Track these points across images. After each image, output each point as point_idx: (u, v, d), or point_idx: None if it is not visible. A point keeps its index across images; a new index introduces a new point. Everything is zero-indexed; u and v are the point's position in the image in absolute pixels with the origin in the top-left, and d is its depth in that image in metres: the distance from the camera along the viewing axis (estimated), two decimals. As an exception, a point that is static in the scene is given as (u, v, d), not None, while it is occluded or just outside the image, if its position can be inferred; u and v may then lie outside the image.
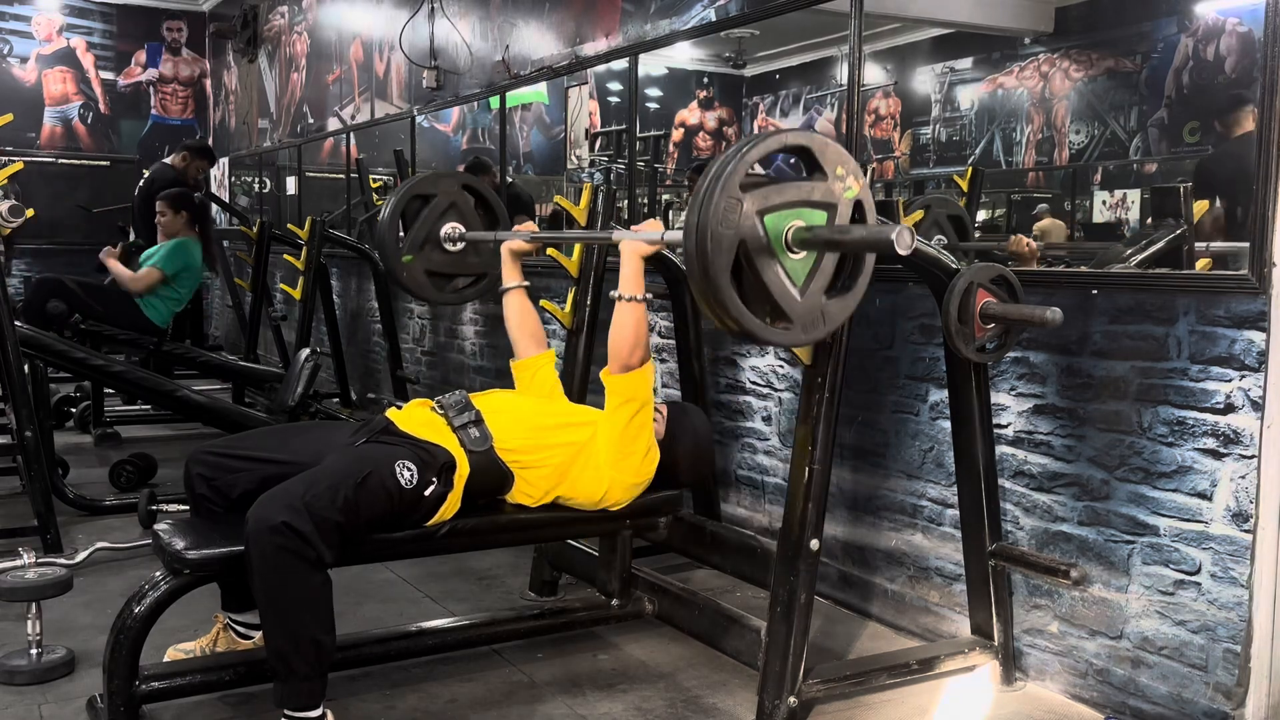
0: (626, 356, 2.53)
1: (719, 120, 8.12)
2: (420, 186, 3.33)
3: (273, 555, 2.17)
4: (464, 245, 3.35)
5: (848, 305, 2.22)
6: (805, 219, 2.10)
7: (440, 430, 2.54)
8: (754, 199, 2.05)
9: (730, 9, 3.83)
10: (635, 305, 2.52)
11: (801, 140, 2.14)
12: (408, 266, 3.27)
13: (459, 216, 3.34)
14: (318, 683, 2.27)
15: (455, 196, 3.34)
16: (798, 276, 2.12)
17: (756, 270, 2.06)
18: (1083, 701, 2.73)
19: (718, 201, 2.00)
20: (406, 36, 6.30)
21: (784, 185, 2.11)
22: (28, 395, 3.84)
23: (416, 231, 3.28)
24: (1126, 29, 5.07)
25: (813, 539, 2.45)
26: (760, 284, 2.07)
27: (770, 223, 2.07)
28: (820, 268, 2.14)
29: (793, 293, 2.11)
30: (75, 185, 10.46)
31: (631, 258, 2.53)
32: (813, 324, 2.15)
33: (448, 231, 3.32)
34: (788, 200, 2.09)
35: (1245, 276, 2.34)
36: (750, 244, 2.04)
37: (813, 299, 2.14)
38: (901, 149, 6.71)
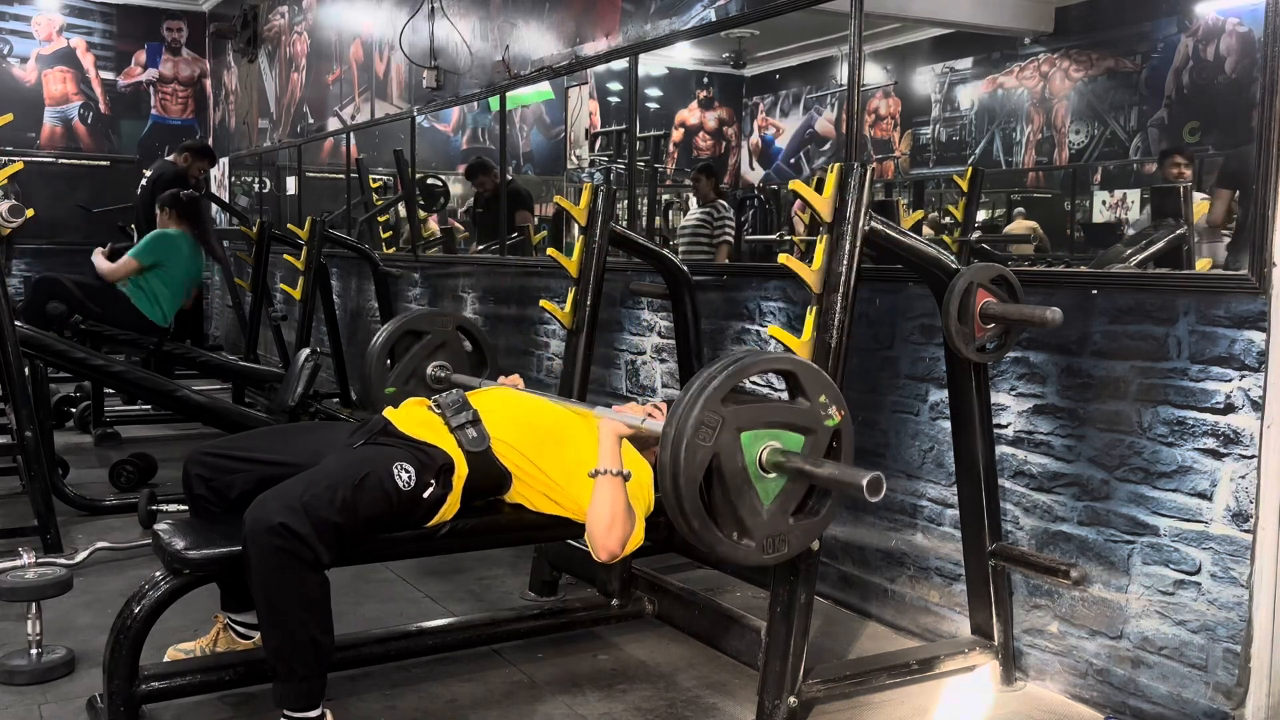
0: (604, 536, 2.38)
1: (719, 120, 8.12)
2: (414, 323, 3.39)
3: (271, 556, 2.17)
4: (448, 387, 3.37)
5: (813, 530, 2.24)
6: (783, 441, 2.14)
7: (438, 431, 2.54)
8: (734, 414, 2.09)
9: (730, 9, 3.83)
10: (613, 480, 2.42)
11: (789, 366, 2.20)
12: (388, 398, 3.29)
13: (448, 355, 3.38)
14: (317, 683, 2.27)
15: (448, 336, 3.40)
16: (766, 496, 2.15)
17: (726, 485, 2.10)
18: (1083, 701, 2.73)
19: (698, 415, 2.04)
20: (406, 37, 6.30)
21: (767, 405, 2.18)
22: (28, 395, 3.84)
23: (404, 365, 3.32)
24: (1126, 29, 5.07)
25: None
26: (726, 499, 2.11)
27: (747, 441, 2.11)
28: (790, 490, 2.18)
29: (759, 512, 2.14)
30: (75, 185, 10.47)
31: (609, 436, 2.48)
32: (774, 545, 2.17)
33: (434, 370, 3.35)
34: (767, 420, 2.14)
35: (1245, 276, 2.34)
36: (724, 459, 2.09)
37: (777, 521, 2.16)
38: (901, 149, 6.71)
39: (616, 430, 2.49)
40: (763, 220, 7.00)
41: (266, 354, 7.54)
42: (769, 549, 2.17)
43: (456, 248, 7.16)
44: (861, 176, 2.43)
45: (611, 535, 2.38)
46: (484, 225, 6.59)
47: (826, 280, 2.45)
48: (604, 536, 2.39)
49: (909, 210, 5.83)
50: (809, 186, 2.54)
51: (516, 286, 5.35)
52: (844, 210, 2.45)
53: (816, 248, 2.49)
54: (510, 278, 5.49)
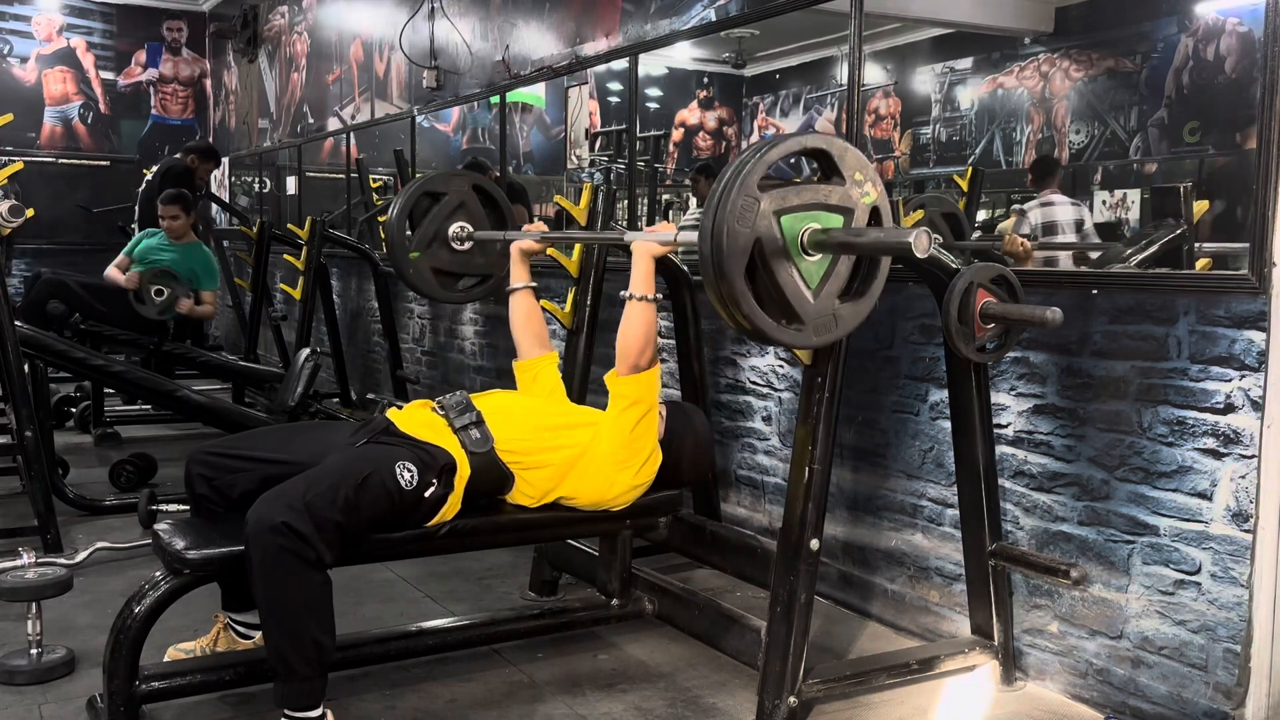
0: (636, 356, 2.53)
1: (719, 120, 8.12)
2: (430, 184, 3.33)
3: (273, 555, 2.17)
4: (471, 245, 3.35)
5: (861, 310, 2.21)
6: (822, 222, 2.10)
7: (441, 431, 2.54)
8: (771, 199, 2.04)
9: (730, 9, 3.83)
10: (647, 305, 2.52)
11: (822, 144, 2.13)
12: (414, 263, 3.27)
13: (467, 216, 3.34)
14: (318, 683, 2.27)
15: (465, 196, 3.34)
16: (812, 279, 2.11)
17: (771, 271, 2.06)
18: (1083, 701, 2.73)
19: (735, 200, 2.00)
20: (406, 36, 6.30)
21: (802, 187, 2.10)
22: (28, 395, 3.84)
23: (425, 229, 3.28)
24: (1126, 29, 5.07)
25: (813, 539, 2.45)
26: (774, 284, 2.07)
27: (787, 224, 2.06)
28: (835, 271, 2.14)
29: (806, 295, 2.11)
30: (75, 185, 10.46)
31: (643, 258, 2.54)
32: (824, 327, 2.15)
33: (455, 230, 3.32)
34: (805, 202, 2.09)
35: (1245, 276, 2.34)
36: (766, 244, 2.04)
37: (826, 302, 2.13)
38: (901, 149, 6.71)
39: (651, 251, 2.54)
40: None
41: (266, 354, 7.54)
42: (821, 330, 2.14)
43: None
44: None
45: (644, 355, 2.54)
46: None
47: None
48: (636, 356, 2.53)
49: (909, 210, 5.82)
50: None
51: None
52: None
53: None
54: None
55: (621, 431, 2.58)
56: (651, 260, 2.54)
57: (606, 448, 2.60)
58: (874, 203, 2.16)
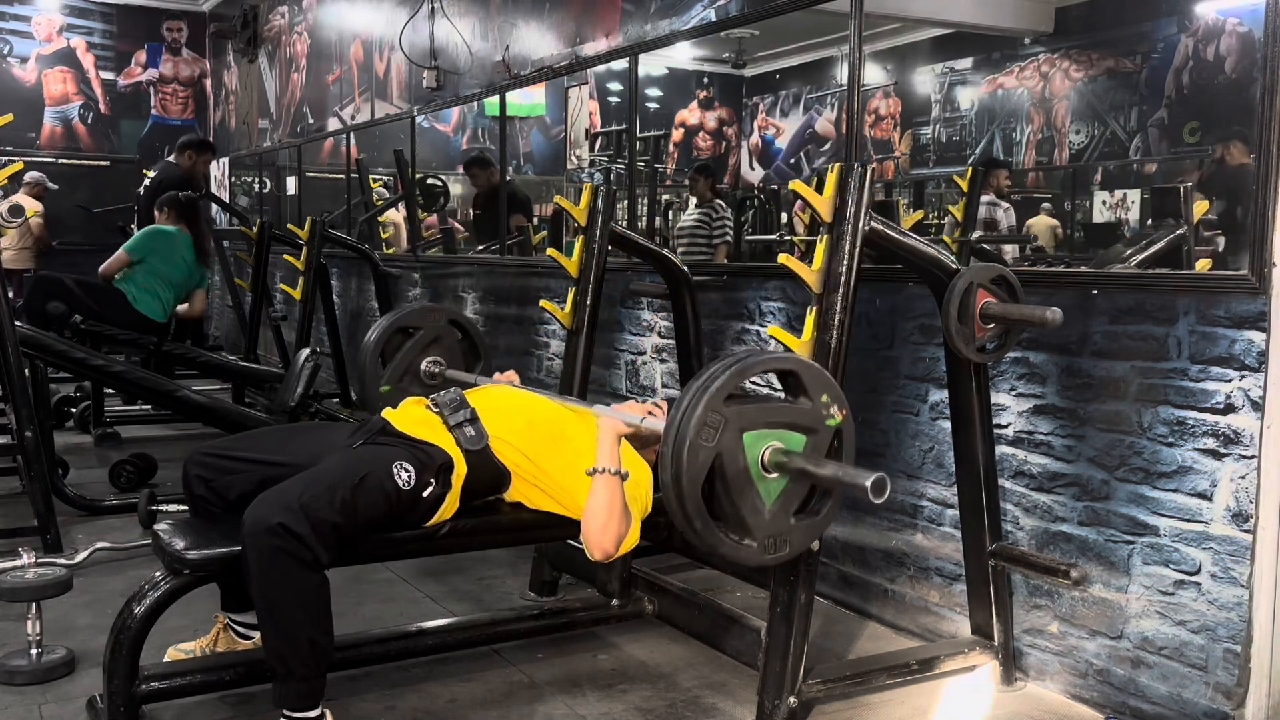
0: (599, 535, 2.37)
1: (719, 120, 8.12)
2: (406, 319, 3.38)
3: (269, 556, 2.17)
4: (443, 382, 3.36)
5: (815, 529, 2.24)
6: (784, 441, 2.14)
7: (436, 429, 2.54)
8: (736, 414, 2.08)
9: (730, 9, 3.83)
10: (610, 479, 2.41)
11: (790, 365, 2.19)
12: (384, 397, 3.28)
13: (441, 351, 3.37)
14: (316, 683, 2.27)
15: (440, 331, 3.38)
16: (768, 496, 2.15)
17: (728, 486, 2.09)
18: (1083, 701, 2.73)
19: (700, 415, 2.04)
20: (406, 37, 6.30)
21: (767, 405, 2.17)
22: (28, 395, 3.84)
23: (398, 363, 3.31)
24: (1126, 29, 5.07)
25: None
26: (729, 500, 2.10)
27: (749, 440, 2.10)
28: (791, 490, 2.17)
29: (761, 512, 2.14)
30: (75, 185, 10.46)
31: (608, 434, 2.47)
32: (775, 546, 2.17)
33: (428, 367, 3.34)
34: (769, 420, 2.14)
35: (1245, 276, 2.34)
36: (727, 461, 2.08)
37: (779, 521, 2.16)
38: (901, 149, 6.71)
39: (616, 429, 2.48)
40: (763, 220, 7.00)
41: (266, 354, 7.54)
42: (770, 549, 2.16)
43: (456, 248, 7.16)
44: (861, 176, 2.43)
45: (606, 535, 2.37)
46: (482, 226, 6.59)
47: (826, 280, 2.45)
48: (599, 535, 2.38)
49: (909, 210, 5.83)
50: (809, 186, 2.54)
51: (516, 286, 5.35)
52: (844, 210, 2.45)
53: (816, 248, 2.49)
54: (510, 278, 5.49)
55: None
56: (616, 437, 2.47)
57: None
58: (838, 425, 2.20)
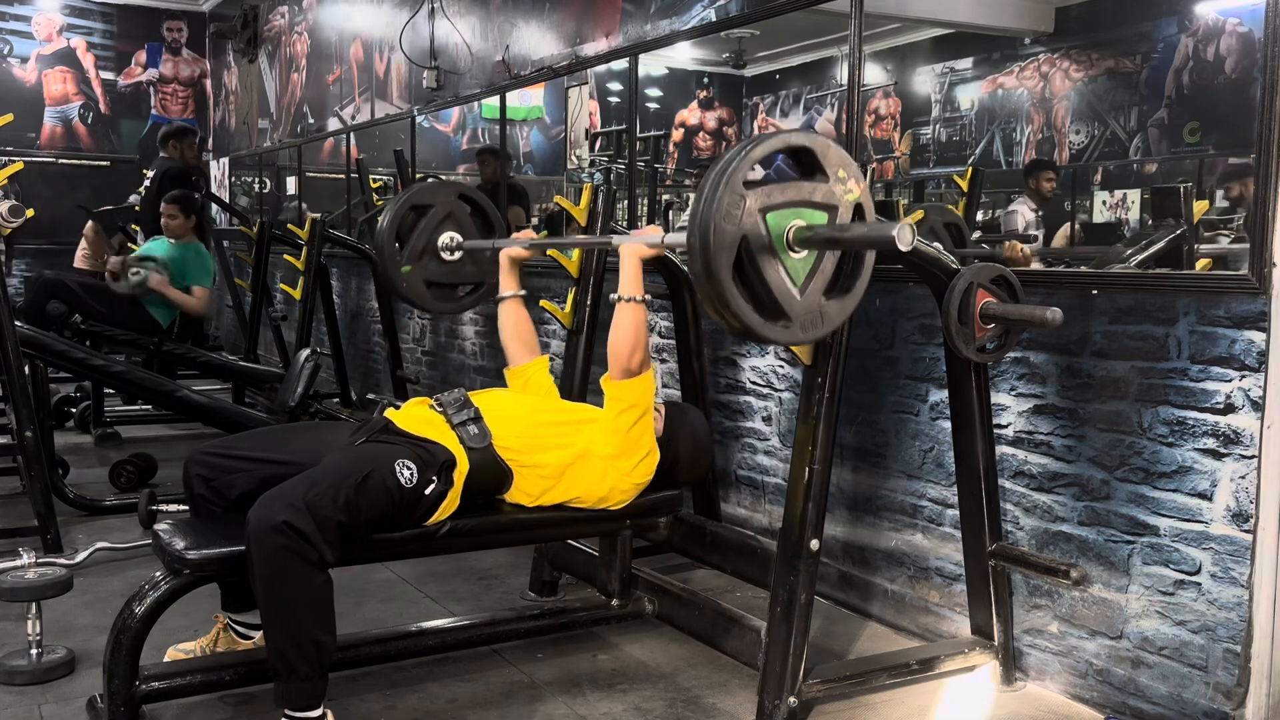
0: (626, 360, 2.53)
1: (719, 120, 8.11)
2: (417, 197, 3.33)
3: (274, 554, 2.17)
4: (461, 254, 3.35)
5: (846, 306, 2.22)
6: (806, 219, 2.11)
7: (439, 428, 2.54)
8: (757, 197, 2.06)
9: (730, 9, 3.83)
10: (635, 306, 2.52)
11: (804, 141, 2.15)
12: (407, 277, 3.28)
13: (456, 226, 3.34)
14: (319, 682, 2.27)
15: (452, 206, 3.34)
16: (798, 275, 2.12)
17: (758, 267, 2.07)
18: (1083, 701, 2.73)
19: (721, 197, 2.01)
20: (406, 37, 6.30)
21: (786, 185, 2.12)
22: (28, 395, 3.84)
23: (414, 242, 3.28)
24: (1126, 29, 5.07)
25: (813, 539, 2.45)
26: (761, 281, 2.08)
27: (772, 221, 2.08)
28: (820, 268, 2.15)
29: (793, 291, 2.12)
30: (75, 185, 10.46)
31: (630, 259, 2.54)
32: (811, 323, 2.16)
33: (445, 241, 3.32)
34: (789, 200, 2.10)
35: (1245, 276, 2.34)
36: (752, 241, 2.05)
37: (812, 298, 2.15)
38: (901, 149, 6.71)
39: (638, 253, 2.54)
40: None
41: (266, 354, 7.54)
42: (808, 327, 2.15)
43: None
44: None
45: (635, 358, 2.52)
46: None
47: (826, 280, 2.44)
48: (626, 360, 2.52)
49: (909, 210, 5.82)
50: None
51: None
52: (844, 210, 2.44)
53: None
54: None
55: (618, 433, 2.58)
56: (639, 261, 2.54)
57: (603, 448, 2.60)
58: (857, 199, 2.17)
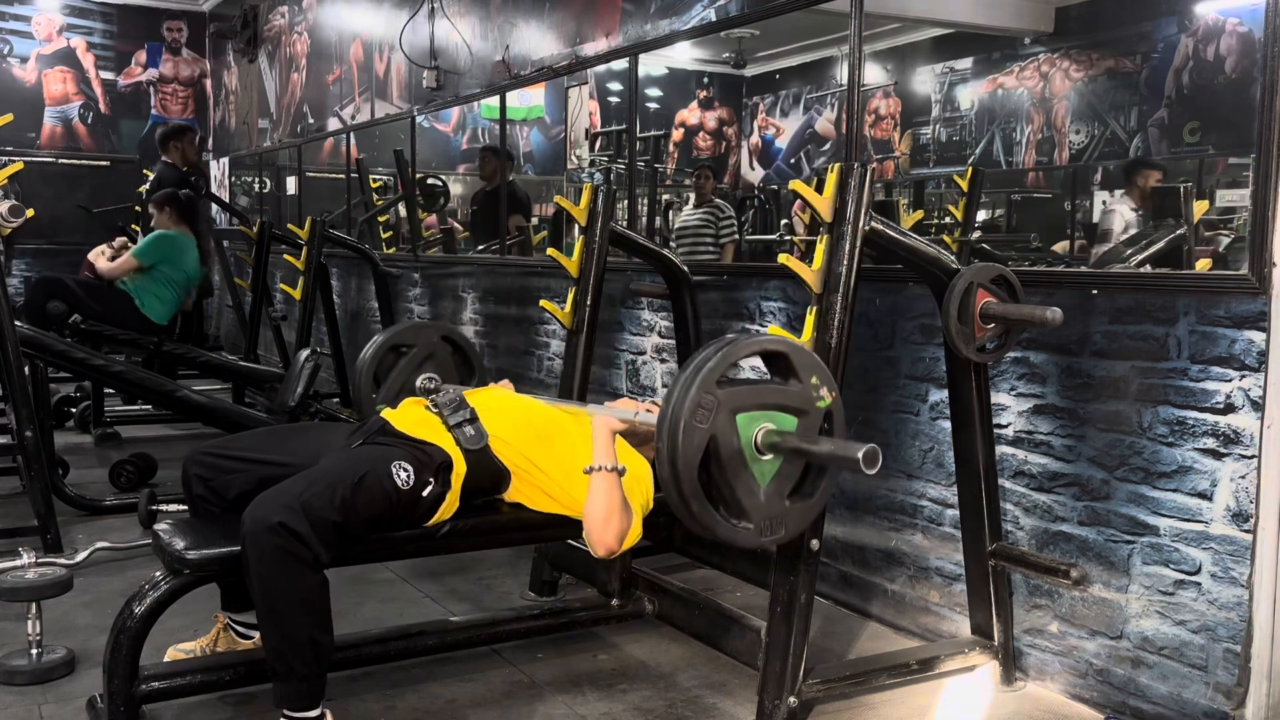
0: (601, 532, 2.38)
1: (719, 120, 8.12)
2: (399, 336, 3.36)
3: (269, 555, 2.17)
4: None
5: (809, 511, 2.25)
6: (777, 423, 2.15)
7: (436, 429, 2.54)
8: (729, 396, 2.09)
9: (730, 9, 3.83)
10: (608, 475, 2.41)
11: (781, 347, 2.20)
12: None
13: (436, 367, 3.35)
14: (316, 683, 2.27)
15: (434, 348, 3.36)
16: (763, 479, 2.15)
17: (722, 468, 2.10)
18: (1083, 701, 2.73)
19: (694, 397, 2.05)
20: (406, 37, 6.30)
21: (759, 387, 2.18)
22: (28, 395, 3.84)
23: (392, 381, 3.28)
24: (1126, 29, 5.07)
25: (813, 539, 2.45)
26: (725, 482, 2.11)
27: (742, 423, 2.11)
28: (785, 472, 2.18)
29: (757, 494, 2.14)
30: (75, 185, 10.46)
31: (602, 431, 2.47)
32: (771, 527, 2.18)
33: (423, 383, 3.31)
34: (761, 402, 2.14)
35: (1245, 276, 2.34)
36: (721, 443, 2.09)
37: (774, 502, 2.17)
38: (901, 149, 6.71)
39: (610, 425, 2.49)
40: (763, 220, 6.99)
41: (266, 354, 7.54)
42: (766, 531, 2.17)
43: (456, 248, 7.16)
44: (862, 176, 2.43)
45: (609, 531, 2.38)
46: (481, 225, 6.58)
47: (826, 280, 2.45)
48: (601, 532, 2.38)
49: (909, 210, 5.83)
50: (809, 186, 2.54)
51: (516, 286, 5.35)
52: (844, 210, 2.45)
53: (817, 248, 2.49)
54: (510, 278, 5.49)
55: None
56: (610, 434, 2.47)
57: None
58: (828, 406, 2.21)
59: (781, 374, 2.20)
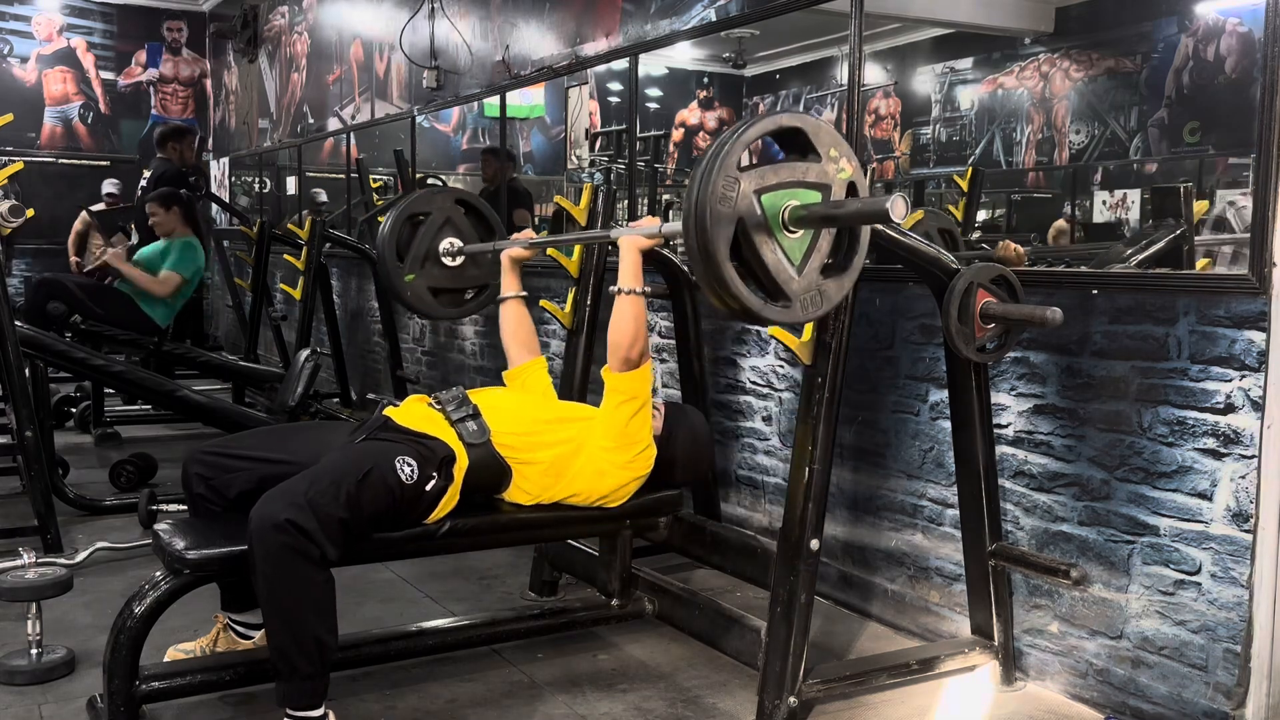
0: (627, 350, 2.55)
1: (719, 120, 8.11)
2: (414, 205, 3.35)
3: (276, 553, 2.17)
4: (463, 259, 3.36)
5: (844, 284, 2.24)
6: (801, 199, 2.12)
7: (438, 424, 2.55)
8: (751, 179, 2.07)
9: (730, 9, 3.83)
10: (635, 298, 2.54)
11: (796, 122, 2.16)
12: (411, 285, 3.30)
13: (455, 231, 3.36)
14: (320, 682, 2.27)
15: (449, 212, 3.36)
16: (795, 255, 2.13)
17: (755, 249, 2.08)
18: (1083, 701, 2.73)
19: (716, 180, 2.02)
20: (406, 36, 6.29)
21: (779, 166, 2.13)
22: (28, 395, 3.84)
23: (415, 249, 3.31)
24: (1126, 29, 5.07)
25: (813, 539, 2.45)
26: (759, 262, 2.09)
27: (767, 202, 2.09)
28: (817, 246, 2.16)
29: (791, 271, 2.13)
30: (75, 185, 10.46)
31: (630, 250, 2.56)
32: (811, 302, 2.17)
33: (446, 247, 3.34)
34: (783, 180, 2.12)
35: (1245, 276, 2.34)
36: (748, 222, 2.06)
37: (810, 277, 2.16)
38: (902, 149, 6.70)
39: (636, 244, 2.56)
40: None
41: (266, 354, 7.54)
42: (808, 306, 2.16)
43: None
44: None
45: (635, 349, 2.54)
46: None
47: (827, 280, 2.44)
48: (627, 350, 2.53)
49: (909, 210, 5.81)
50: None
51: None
52: (844, 210, 2.44)
53: None
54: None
55: (616, 425, 2.60)
56: (638, 253, 2.56)
57: (601, 439, 2.61)
58: (850, 178, 2.18)
59: (799, 151, 2.16)
